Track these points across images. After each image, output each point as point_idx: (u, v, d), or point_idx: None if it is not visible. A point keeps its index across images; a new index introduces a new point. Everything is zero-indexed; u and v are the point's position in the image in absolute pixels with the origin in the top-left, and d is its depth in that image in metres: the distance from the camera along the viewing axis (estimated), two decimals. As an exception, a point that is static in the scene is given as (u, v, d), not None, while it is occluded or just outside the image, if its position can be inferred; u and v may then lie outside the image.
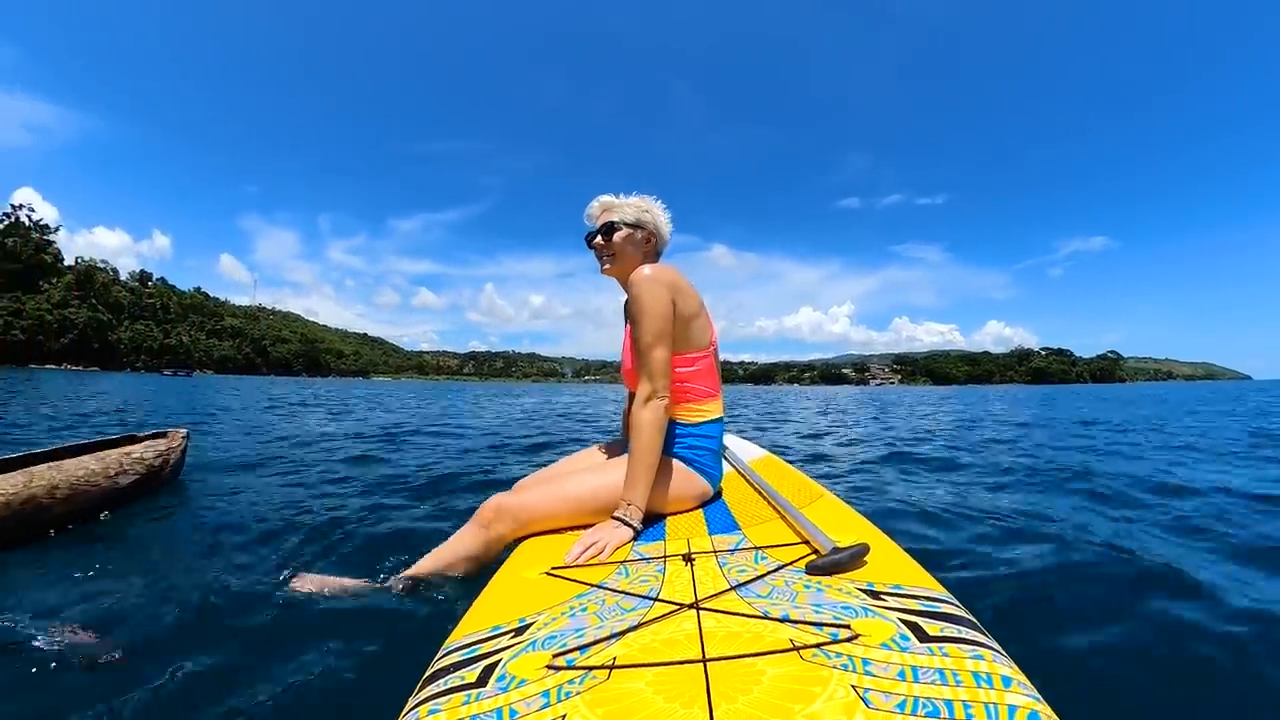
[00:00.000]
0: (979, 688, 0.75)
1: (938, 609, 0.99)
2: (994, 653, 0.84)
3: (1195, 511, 3.27)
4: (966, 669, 0.79)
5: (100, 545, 2.54)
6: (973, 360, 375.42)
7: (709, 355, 1.91)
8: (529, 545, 1.70)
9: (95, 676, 1.54)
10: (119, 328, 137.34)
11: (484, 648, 1.02)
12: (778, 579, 1.19)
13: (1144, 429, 9.16)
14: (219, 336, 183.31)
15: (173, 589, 2.09)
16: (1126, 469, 4.84)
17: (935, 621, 0.93)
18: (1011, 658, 0.85)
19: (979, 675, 0.78)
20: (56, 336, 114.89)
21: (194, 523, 2.91)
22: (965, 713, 0.70)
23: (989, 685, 0.75)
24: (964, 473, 4.87)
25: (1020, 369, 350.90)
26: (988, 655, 0.83)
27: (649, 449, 1.69)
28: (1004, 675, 0.78)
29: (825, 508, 1.74)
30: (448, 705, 0.84)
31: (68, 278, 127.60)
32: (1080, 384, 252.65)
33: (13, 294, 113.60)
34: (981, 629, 0.93)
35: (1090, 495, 3.80)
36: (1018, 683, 0.76)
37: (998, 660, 0.82)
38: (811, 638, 0.90)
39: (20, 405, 11.18)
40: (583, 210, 2.05)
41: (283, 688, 1.50)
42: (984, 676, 0.77)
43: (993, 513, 3.24)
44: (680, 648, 0.91)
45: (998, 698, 0.73)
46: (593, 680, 0.84)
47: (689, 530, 1.65)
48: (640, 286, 1.74)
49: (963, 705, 0.72)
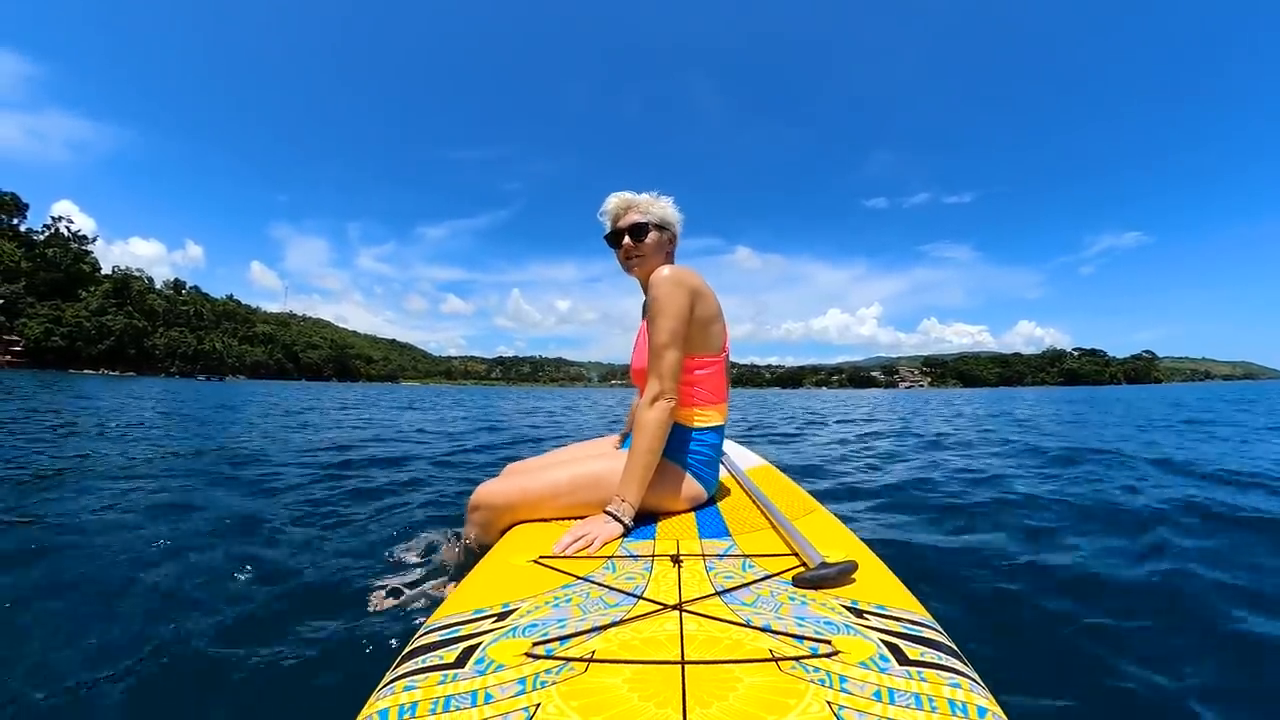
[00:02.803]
0: (954, 716, 0.74)
1: (920, 633, 0.98)
2: (971, 682, 0.83)
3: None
4: (943, 695, 0.78)
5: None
6: (1004, 362, 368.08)
7: (720, 361, 1.91)
8: (519, 531, 1.71)
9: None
10: (154, 334, 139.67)
11: (465, 630, 1.02)
12: (763, 588, 1.19)
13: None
14: (251, 342, 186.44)
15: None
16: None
17: (916, 645, 0.93)
18: (990, 689, 0.84)
19: (955, 703, 0.77)
20: (94, 342, 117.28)
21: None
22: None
23: (964, 715, 0.75)
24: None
25: (1052, 370, 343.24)
26: (965, 684, 0.82)
27: (650, 449, 1.69)
28: (980, 705, 0.77)
29: (817, 522, 1.73)
30: (424, 683, 0.84)
31: (105, 286, 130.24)
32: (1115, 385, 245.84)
33: (53, 302, 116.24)
34: (962, 657, 0.93)
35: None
36: (994, 715, 0.76)
37: (975, 690, 0.81)
38: (791, 650, 0.90)
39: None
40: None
41: (254, 663, 1.57)
42: (960, 705, 0.77)
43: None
44: (660, 648, 0.91)
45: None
46: (570, 671, 0.84)
47: (679, 532, 1.65)
48: (661, 287, 1.75)
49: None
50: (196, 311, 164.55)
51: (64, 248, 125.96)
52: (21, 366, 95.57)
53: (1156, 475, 4.80)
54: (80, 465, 4.91)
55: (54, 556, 2.49)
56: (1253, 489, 4.11)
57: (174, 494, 3.74)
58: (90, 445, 6.25)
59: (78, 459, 5.31)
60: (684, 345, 1.77)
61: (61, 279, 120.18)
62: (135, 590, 2.12)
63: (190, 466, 5.01)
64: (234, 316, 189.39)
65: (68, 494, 3.70)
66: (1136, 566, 2.55)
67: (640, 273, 1.97)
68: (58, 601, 2.05)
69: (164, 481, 4.19)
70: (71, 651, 1.71)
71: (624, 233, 1.93)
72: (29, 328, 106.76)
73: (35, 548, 2.57)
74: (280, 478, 4.48)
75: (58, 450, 5.83)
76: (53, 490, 3.81)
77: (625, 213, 1.95)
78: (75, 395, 16.14)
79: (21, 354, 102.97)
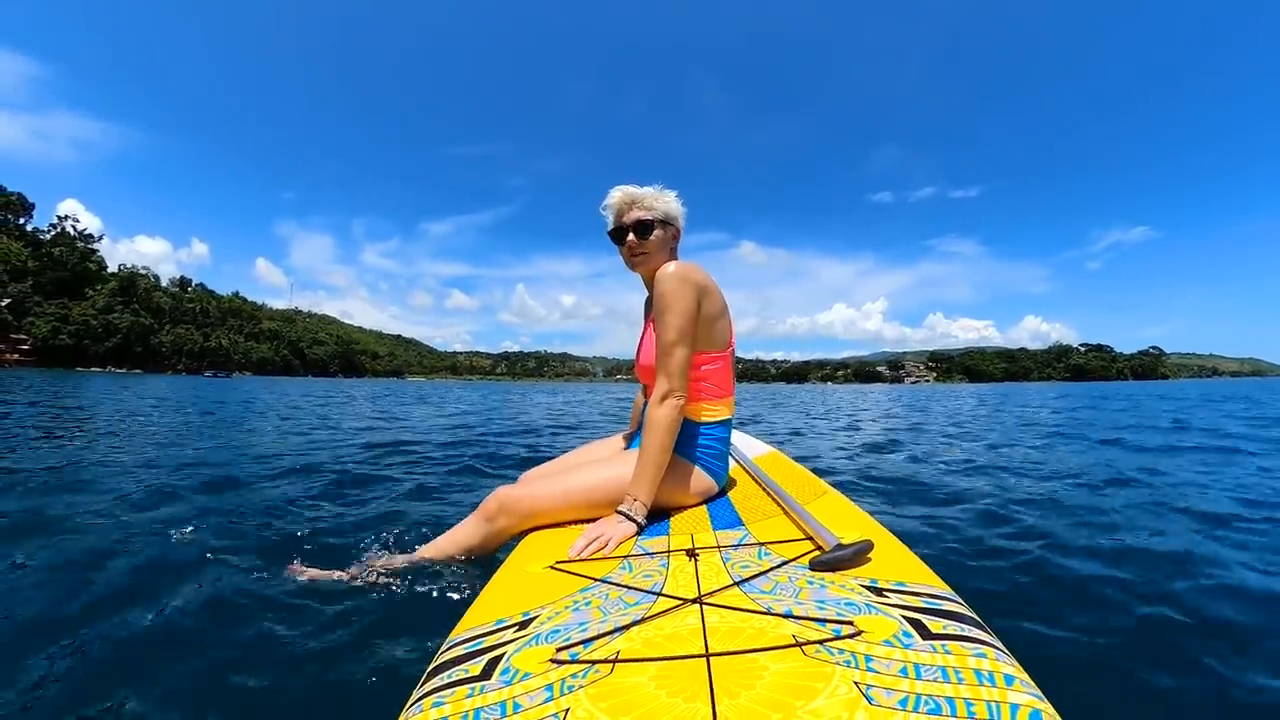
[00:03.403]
0: (981, 685, 0.75)
1: (941, 606, 0.99)
2: (997, 651, 0.84)
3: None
4: (969, 666, 0.79)
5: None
6: (1010, 357, 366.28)
7: (727, 356, 1.91)
8: (533, 539, 1.70)
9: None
10: (161, 331, 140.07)
11: (488, 641, 1.02)
12: (781, 575, 1.19)
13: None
14: (257, 339, 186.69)
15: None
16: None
17: (938, 619, 0.94)
18: (1015, 656, 0.85)
19: (981, 673, 0.78)
20: (101, 340, 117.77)
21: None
22: (967, 710, 0.70)
23: (991, 683, 0.75)
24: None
25: (1059, 366, 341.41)
26: (990, 653, 0.83)
27: (661, 447, 1.69)
28: (1006, 673, 0.78)
29: (829, 504, 1.75)
30: (452, 698, 0.84)
31: (111, 284, 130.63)
32: (1121, 381, 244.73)
33: (60, 300, 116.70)
34: (985, 627, 0.93)
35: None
36: (1020, 681, 0.76)
37: (1000, 658, 0.82)
38: (814, 634, 0.90)
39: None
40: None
41: (286, 679, 1.53)
42: (986, 674, 0.77)
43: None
44: (683, 642, 0.91)
45: (1000, 695, 0.73)
46: (596, 674, 0.84)
47: (693, 526, 1.65)
48: (668, 284, 1.73)
49: (965, 703, 0.72)
50: (202, 309, 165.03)
51: (70, 247, 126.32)
52: (29, 365, 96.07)
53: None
54: (112, 460, 4.86)
55: (69, 549, 2.41)
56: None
57: (177, 493, 3.63)
58: (127, 443, 6.20)
59: (113, 452, 5.28)
60: (692, 343, 1.75)
61: (68, 277, 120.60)
62: (142, 608, 1.96)
63: (206, 464, 4.85)
64: (240, 313, 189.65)
65: (98, 488, 3.62)
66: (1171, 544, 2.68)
67: (645, 270, 1.94)
68: (58, 600, 1.97)
69: (171, 480, 4.03)
70: (74, 658, 1.63)
71: (628, 230, 1.89)
72: (36, 326, 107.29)
73: (45, 543, 2.51)
74: (307, 476, 4.31)
75: (95, 446, 5.81)
76: (83, 486, 3.72)
77: (629, 209, 1.91)
78: (104, 392, 16.36)
79: (29, 352, 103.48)
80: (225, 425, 8.45)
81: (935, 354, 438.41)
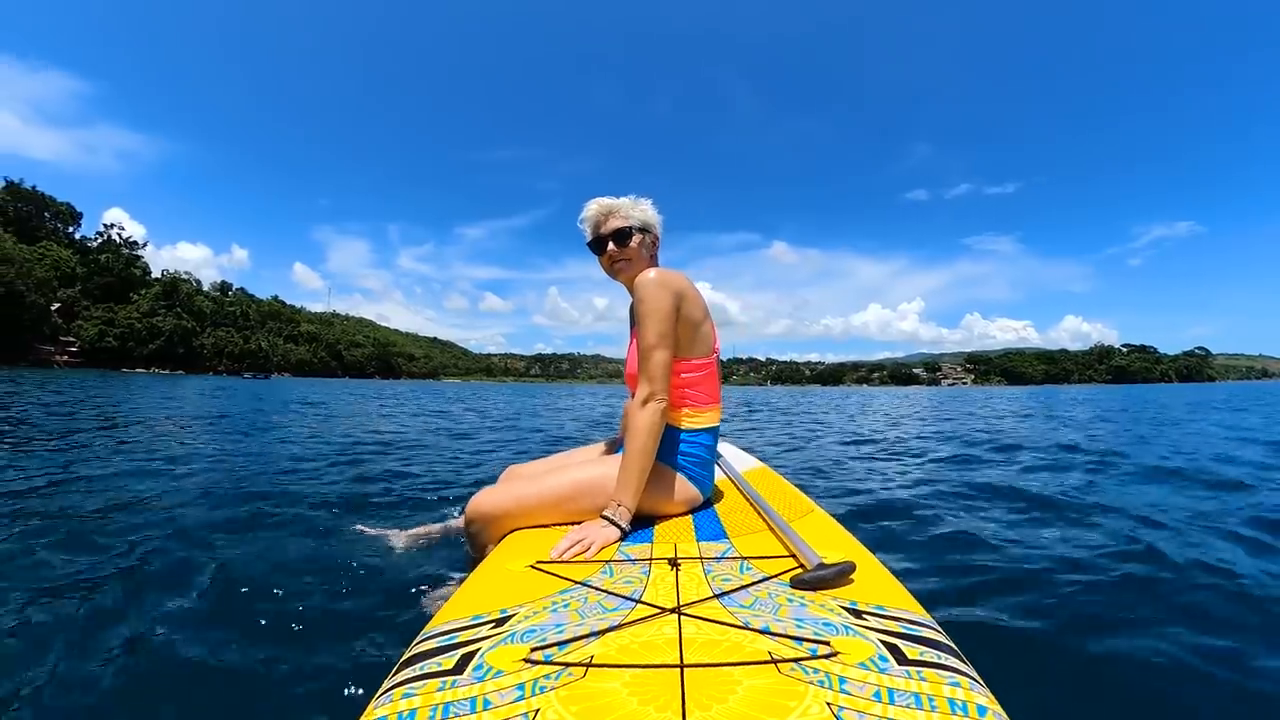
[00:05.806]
0: (954, 715, 0.74)
1: (919, 633, 0.98)
2: (971, 681, 0.83)
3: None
4: (943, 695, 0.78)
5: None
6: (1050, 359, 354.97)
7: (712, 362, 1.94)
8: (516, 537, 1.71)
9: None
10: (202, 334, 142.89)
11: (463, 636, 1.01)
12: (761, 590, 1.19)
13: None
14: (295, 341, 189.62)
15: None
16: None
17: (915, 645, 0.93)
18: (989, 688, 0.84)
19: (955, 702, 0.77)
20: (145, 343, 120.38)
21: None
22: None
23: (964, 713, 0.75)
24: None
25: (1100, 368, 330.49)
26: (965, 683, 0.82)
27: (643, 451, 1.69)
28: (980, 704, 0.77)
29: (815, 523, 1.75)
30: (423, 690, 0.84)
31: (155, 289, 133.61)
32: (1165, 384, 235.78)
33: (106, 305, 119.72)
34: (961, 656, 0.92)
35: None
36: (993, 713, 0.76)
37: (974, 689, 0.81)
38: (790, 652, 0.89)
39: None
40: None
41: (250, 670, 1.54)
42: (960, 704, 0.76)
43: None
44: (659, 651, 0.91)
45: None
46: (569, 677, 0.84)
47: (677, 535, 1.66)
48: (646, 289, 1.76)
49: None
50: (242, 312, 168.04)
51: (116, 253, 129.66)
52: (78, 366, 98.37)
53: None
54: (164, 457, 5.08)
55: (88, 543, 2.62)
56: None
57: (183, 492, 3.74)
58: (189, 437, 6.52)
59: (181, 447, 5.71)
60: (673, 346, 1.78)
61: (114, 283, 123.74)
62: (120, 588, 2.10)
63: (237, 461, 5.03)
64: (279, 316, 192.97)
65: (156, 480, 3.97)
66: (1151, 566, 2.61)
67: (626, 278, 1.96)
68: (59, 599, 2.04)
69: (181, 478, 4.27)
70: (50, 651, 1.68)
71: (607, 239, 1.93)
72: (84, 329, 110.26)
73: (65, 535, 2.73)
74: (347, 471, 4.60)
75: (170, 440, 6.25)
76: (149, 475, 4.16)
77: (606, 219, 1.96)
78: (161, 394, 17.62)
79: (77, 354, 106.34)
80: (442, 433, 8.76)
81: (973, 355, 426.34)
